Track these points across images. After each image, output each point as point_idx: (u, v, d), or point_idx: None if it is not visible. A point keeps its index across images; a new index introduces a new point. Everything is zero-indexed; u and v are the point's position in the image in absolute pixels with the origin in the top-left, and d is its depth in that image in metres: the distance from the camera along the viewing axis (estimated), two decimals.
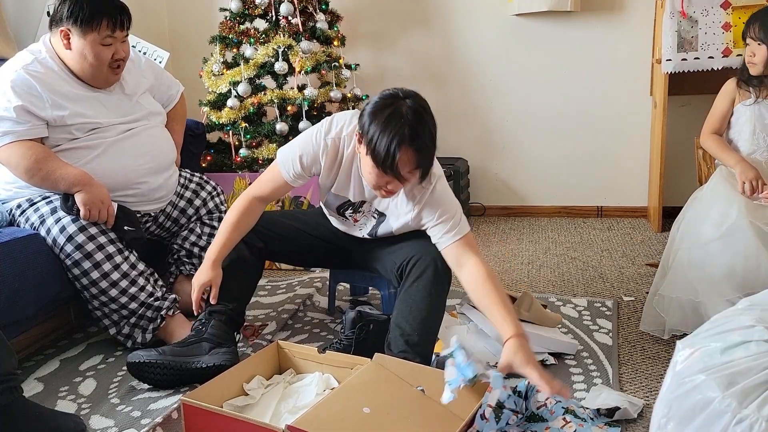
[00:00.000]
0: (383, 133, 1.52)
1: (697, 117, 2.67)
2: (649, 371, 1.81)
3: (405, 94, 1.57)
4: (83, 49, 1.95)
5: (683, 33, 2.91)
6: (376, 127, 1.53)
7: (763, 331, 1.07)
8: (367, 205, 1.85)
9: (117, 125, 2.06)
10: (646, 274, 2.60)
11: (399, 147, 1.51)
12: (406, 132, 1.51)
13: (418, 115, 1.54)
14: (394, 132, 1.51)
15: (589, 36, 3.40)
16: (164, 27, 3.83)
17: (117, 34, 1.97)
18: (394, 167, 1.53)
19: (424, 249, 1.75)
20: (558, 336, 1.93)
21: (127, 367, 1.77)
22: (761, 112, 2.19)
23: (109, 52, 1.98)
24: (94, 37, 1.94)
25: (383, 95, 1.59)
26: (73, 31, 1.94)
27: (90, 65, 1.98)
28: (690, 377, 1.07)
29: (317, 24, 3.12)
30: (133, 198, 2.09)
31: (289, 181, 1.79)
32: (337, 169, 1.77)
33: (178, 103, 2.41)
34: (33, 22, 2.89)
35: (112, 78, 2.05)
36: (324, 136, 1.74)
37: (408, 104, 1.55)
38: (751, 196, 2.03)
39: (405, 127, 1.51)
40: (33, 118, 1.89)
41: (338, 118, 1.78)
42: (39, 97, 1.90)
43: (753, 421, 0.96)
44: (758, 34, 2.11)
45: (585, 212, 3.62)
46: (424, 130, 1.54)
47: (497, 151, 3.62)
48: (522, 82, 3.52)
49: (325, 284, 2.57)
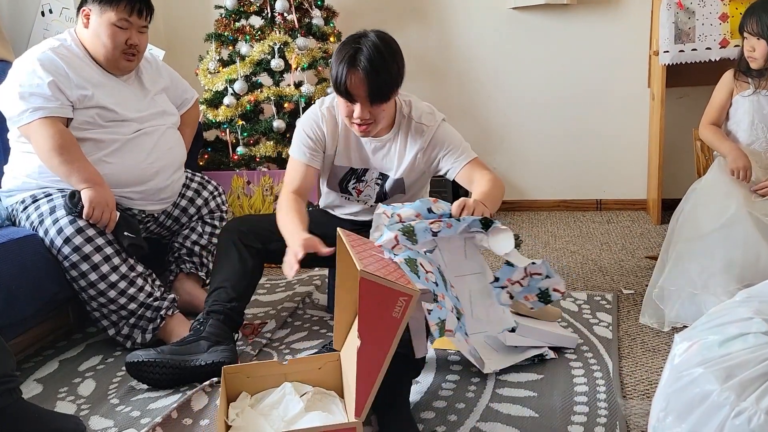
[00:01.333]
0: (337, 58, 1.70)
1: (695, 109, 2.66)
2: (650, 364, 1.81)
3: (372, 30, 1.74)
4: (99, 28, 2.01)
5: (680, 24, 2.90)
6: (335, 56, 1.71)
7: (761, 323, 1.07)
8: (369, 173, 1.96)
9: (132, 122, 2.08)
10: (646, 266, 2.60)
11: (347, 69, 1.67)
12: (356, 56, 1.67)
13: (374, 45, 1.68)
14: (345, 57, 1.68)
15: (586, 29, 3.39)
16: (159, 25, 3.81)
17: (133, 19, 2.01)
18: (345, 88, 1.69)
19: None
20: (558, 330, 1.92)
21: (126, 367, 1.77)
22: (760, 102, 2.18)
23: (124, 36, 2.01)
24: (110, 16, 1.99)
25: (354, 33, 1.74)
26: (93, 9, 2.01)
27: (103, 46, 2.02)
28: (688, 370, 1.06)
29: (313, 20, 3.11)
30: (138, 195, 2.09)
31: (305, 160, 1.89)
32: (337, 135, 1.90)
33: (191, 108, 2.42)
34: (27, 24, 2.89)
35: (125, 65, 2.07)
36: (319, 108, 1.91)
37: (370, 38, 1.70)
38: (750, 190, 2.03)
39: (357, 53, 1.67)
40: (62, 96, 1.94)
41: (329, 95, 1.95)
42: (66, 76, 1.96)
43: (751, 414, 0.95)
44: (756, 29, 2.10)
45: (584, 205, 3.61)
46: (375, 55, 1.67)
47: (496, 145, 3.61)
48: (519, 75, 3.52)
49: (324, 282, 2.57)
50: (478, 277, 1.54)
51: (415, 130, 1.89)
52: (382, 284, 1.23)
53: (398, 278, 1.28)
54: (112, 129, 2.04)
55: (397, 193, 1.99)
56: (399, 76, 1.75)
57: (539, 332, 1.85)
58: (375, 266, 1.29)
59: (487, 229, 1.53)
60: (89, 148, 1.99)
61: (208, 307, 1.86)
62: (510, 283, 1.58)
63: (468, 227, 1.52)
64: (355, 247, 1.36)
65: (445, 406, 1.63)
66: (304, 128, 1.90)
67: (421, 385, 1.73)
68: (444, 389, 1.71)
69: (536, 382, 1.72)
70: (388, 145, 1.91)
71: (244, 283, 1.91)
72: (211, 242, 2.35)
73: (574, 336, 1.93)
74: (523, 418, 1.55)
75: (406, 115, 1.89)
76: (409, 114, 1.89)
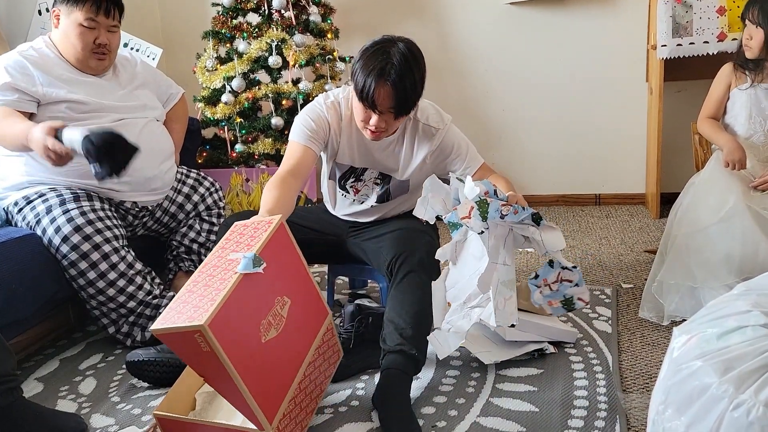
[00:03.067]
0: (366, 66, 1.65)
1: (693, 102, 2.66)
2: (649, 358, 1.81)
3: (399, 39, 1.69)
4: (67, 29, 2.01)
5: (678, 18, 2.90)
6: (362, 61, 1.66)
7: (759, 316, 1.07)
8: (368, 172, 1.93)
9: (111, 112, 2.07)
10: (645, 260, 2.60)
11: (377, 81, 1.63)
12: (387, 68, 1.62)
13: (404, 57, 1.64)
14: (376, 67, 1.63)
15: (583, 23, 3.38)
16: (157, 23, 3.81)
17: (101, 19, 2.00)
18: (371, 99, 1.65)
19: (411, 243, 1.76)
20: (557, 325, 1.93)
21: (126, 366, 1.77)
22: (757, 96, 2.18)
23: (92, 36, 2.01)
24: (77, 16, 1.99)
25: (379, 37, 1.70)
26: (62, 9, 2.01)
27: (72, 46, 2.02)
28: (687, 364, 1.07)
29: (310, 17, 3.11)
30: (127, 187, 2.09)
31: (303, 141, 1.81)
32: (340, 130, 1.87)
33: (177, 104, 2.42)
34: (24, 22, 2.88)
35: (96, 63, 2.06)
36: (324, 101, 1.87)
37: (398, 47, 1.66)
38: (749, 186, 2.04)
39: (387, 64, 1.63)
40: (20, 93, 1.93)
41: (333, 90, 1.93)
42: (30, 75, 1.97)
43: (750, 406, 0.95)
44: (757, 18, 2.10)
45: (583, 200, 3.61)
46: (405, 70, 1.63)
47: (494, 140, 3.61)
48: (517, 71, 3.51)
49: (323, 278, 2.57)
50: (508, 269, 1.57)
51: (423, 132, 1.87)
52: (169, 332, 1.23)
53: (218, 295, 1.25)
54: (90, 121, 2.02)
55: (401, 194, 1.98)
56: (422, 89, 1.73)
57: (539, 327, 1.86)
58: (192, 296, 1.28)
59: (538, 224, 1.58)
60: None
61: None
62: (544, 284, 1.63)
63: (525, 218, 1.58)
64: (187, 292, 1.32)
65: (446, 401, 1.63)
66: (308, 114, 1.85)
67: (421, 380, 1.73)
68: (444, 384, 1.72)
69: (536, 376, 1.72)
70: (392, 146, 1.89)
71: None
72: (209, 239, 2.35)
73: (574, 331, 1.94)
74: (524, 413, 1.56)
75: (411, 116, 1.85)
76: (415, 115, 1.86)
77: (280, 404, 1.31)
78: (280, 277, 1.39)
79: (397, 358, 1.60)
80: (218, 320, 1.21)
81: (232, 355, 1.21)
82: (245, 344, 1.26)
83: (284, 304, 1.35)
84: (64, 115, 1.99)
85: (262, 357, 1.29)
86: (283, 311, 1.35)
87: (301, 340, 1.39)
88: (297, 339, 1.38)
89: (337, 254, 2.06)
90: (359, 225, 2.02)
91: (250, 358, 1.26)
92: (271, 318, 1.32)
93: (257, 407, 1.26)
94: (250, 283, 1.30)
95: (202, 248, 2.34)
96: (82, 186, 2.01)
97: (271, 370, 1.30)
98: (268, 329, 1.31)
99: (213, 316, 1.20)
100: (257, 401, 1.25)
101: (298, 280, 1.46)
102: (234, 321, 1.25)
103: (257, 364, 1.27)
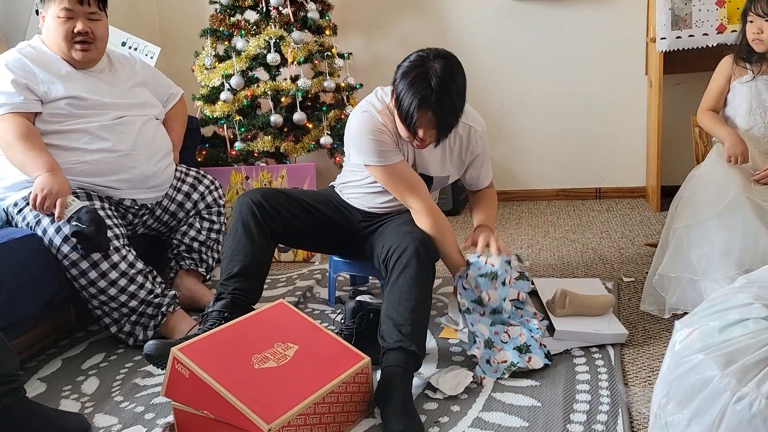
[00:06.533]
0: (408, 92, 1.67)
1: (693, 95, 2.66)
2: (651, 351, 1.81)
3: (435, 55, 1.71)
4: (50, 24, 2.04)
5: (677, 10, 2.89)
6: (403, 85, 1.69)
7: (761, 309, 1.07)
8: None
9: (111, 108, 2.08)
10: (646, 254, 2.60)
11: (418, 109, 1.66)
12: (428, 96, 1.65)
13: (443, 81, 1.66)
14: (417, 94, 1.66)
15: (583, 16, 3.37)
16: (154, 22, 3.80)
17: (76, 7, 2.01)
18: (413, 126, 1.70)
19: (405, 238, 1.76)
20: (602, 328, 1.84)
21: (145, 357, 1.73)
22: (758, 88, 2.17)
23: (70, 26, 2.02)
24: (54, 9, 2.01)
25: (416, 53, 1.74)
26: (44, 8, 2.05)
27: (54, 40, 2.05)
28: (689, 357, 1.07)
29: (308, 14, 3.10)
30: (125, 185, 2.09)
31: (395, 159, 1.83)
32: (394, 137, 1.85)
33: (177, 104, 2.42)
34: (22, 21, 2.88)
35: (80, 54, 2.06)
36: (375, 114, 1.83)
37: (435, 67, 1.67)
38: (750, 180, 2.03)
39: (428, 90, 1.65)
40: (28, 92, 1.96)
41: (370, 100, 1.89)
42: (32, 73, 1.99)
43: (752, 399, 0.95)
44: (764, 10, 2.06)
45: (583, 194, 3.61)
46: (444, 96, 1.66)
47: (494, 135, 3.61)
48: (517, 65, 3.51)
49: (325, 275, 2.57)
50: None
51: (461, 128, 1.90)
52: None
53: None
54: (90, 117, 2.03)
55: (441, 186, 2.05)
56: (464, 102, 1.76)
57: (581, 335, 1.83)
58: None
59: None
60: (68, 138, 2.00)
61: (230, 297, 1.83)
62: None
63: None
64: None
65: (448, 397, 1.63)
66: (381, 138, 1.80)
67: (423, 376, 1.73)
68: None
69: (538, 371, 1.72)
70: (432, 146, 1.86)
71: (262, 273, 1.92)
72: (210, 237, 2.35)
73: (623, 332, 1.84)
74: (526, 407, 1.56)
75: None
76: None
77: (284, 413, 1.36)
78: (279, 332, 1.60)
79: (396, 355, 1.60)
80: (191, 347, 1.45)
81: (212, 373, 1.39)
82: (230, 368, 1.43)
83: (287, 348, 1.55)
84: (65, 111, 2.00)
85: (257, 379, 1.43)
86: (287, 352, 1.54)
87: (317, 374, 1.50)
88: (307, 372, 1.50)
89: (345, 246, 2.09)
90: (372, 217, 2.02)
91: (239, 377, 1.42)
92: (268, 354, 1.51)
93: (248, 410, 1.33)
94: (236, 332, 1.56)
95: (203, 246, 2.34)
96: (81, 185, 2.01)
97: (270, 389, 1.41)
98: (265, 361, 1.49)
99: (185, 345, 1.46)
100: (250, 407, 1.34)
101: (310, 334, 1.64)
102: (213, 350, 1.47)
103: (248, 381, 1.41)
